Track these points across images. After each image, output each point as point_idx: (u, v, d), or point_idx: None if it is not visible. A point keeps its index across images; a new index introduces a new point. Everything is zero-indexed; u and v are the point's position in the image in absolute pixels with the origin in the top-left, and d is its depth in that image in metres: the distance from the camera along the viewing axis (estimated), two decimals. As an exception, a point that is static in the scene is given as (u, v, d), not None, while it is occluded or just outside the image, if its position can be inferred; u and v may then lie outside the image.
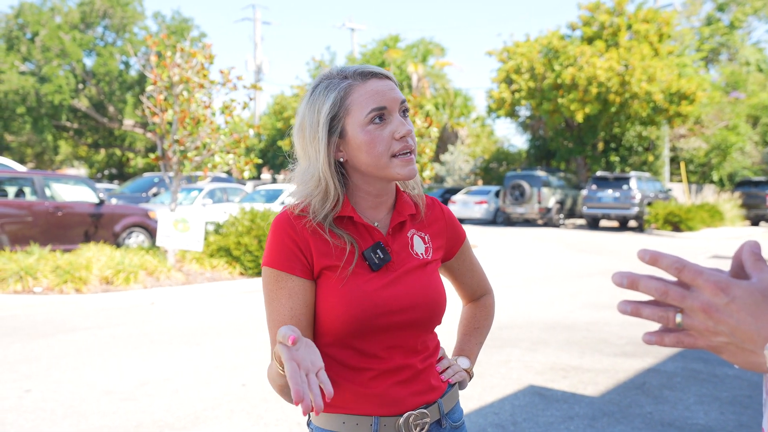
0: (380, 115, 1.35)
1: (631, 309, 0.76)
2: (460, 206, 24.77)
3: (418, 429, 1.39)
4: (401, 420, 1.37)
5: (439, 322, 1.46)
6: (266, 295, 1.38)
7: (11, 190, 10.60)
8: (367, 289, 1.35)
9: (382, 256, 1.38)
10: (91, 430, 3.98)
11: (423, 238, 1.49)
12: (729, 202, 23.17)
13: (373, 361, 1.36)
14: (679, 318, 0.74)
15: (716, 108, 30.65)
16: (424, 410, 1.41)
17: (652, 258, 0.73)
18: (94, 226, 11.10)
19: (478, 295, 1.72)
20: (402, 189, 1.50)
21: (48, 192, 10.79)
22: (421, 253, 1.46)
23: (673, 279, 0.74)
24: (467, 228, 21.95)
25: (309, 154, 1.39)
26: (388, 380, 1.37)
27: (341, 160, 1.39)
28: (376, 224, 1.44)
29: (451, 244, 1.56)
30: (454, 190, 28.22)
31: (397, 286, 1.38)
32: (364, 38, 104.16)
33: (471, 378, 1.60)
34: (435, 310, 1.43)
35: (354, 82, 1.38)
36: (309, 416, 1.45)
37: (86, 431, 3.96)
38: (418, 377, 1.41)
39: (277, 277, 1.35)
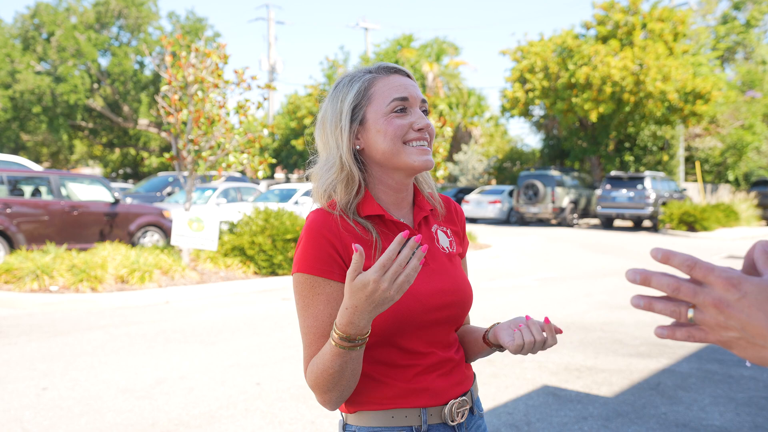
0: (402, 106, 1.38)
1: (644, 303, 0.78)
2: (474, 206, 24.73)
3: (459, 416, 1.43)
4: (446, 409, 1.40)
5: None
6: (300, 303, 1.35)
7: (28, 190, 10.71)
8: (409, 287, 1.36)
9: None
10: (108, 427, 4.02)
11: (446, 233, 1.52)
12: (744, 202, 22.99)
13: (416, 358, 1.38)
14: (690, 313, 0.76)
15: (732, 107, 30.39)
16: (464, 398, 1.44)
17: (664, 256, 0.75)
18: (109, 226, 11.19)
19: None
20: (419, 189, 1.52)
21: (64, 191, 10.89)
22: (446, 247, 1.49)
23: (685, 276, 0.76)
24: (481, 227, 21.92)
25: (329, 145, 1.41)
26: (432, 374, 1.40)
27: (357, 148, 1.40)
28: (402, 220, 1.45)
29: (459, 250, 1.57)
30: (468, 190, 28.18)
31: (434, 282, 1.40)
32: (378, 38, 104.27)
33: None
34: (467, 304, 1.46)
35: (378, 75, 1.41)
36: (342, 416, 1.45)
37: (102, 429, 4.00)
38: (456, 369, 1.45)
39: (314, 283, 1.33)
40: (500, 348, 1.46)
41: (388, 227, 1.42)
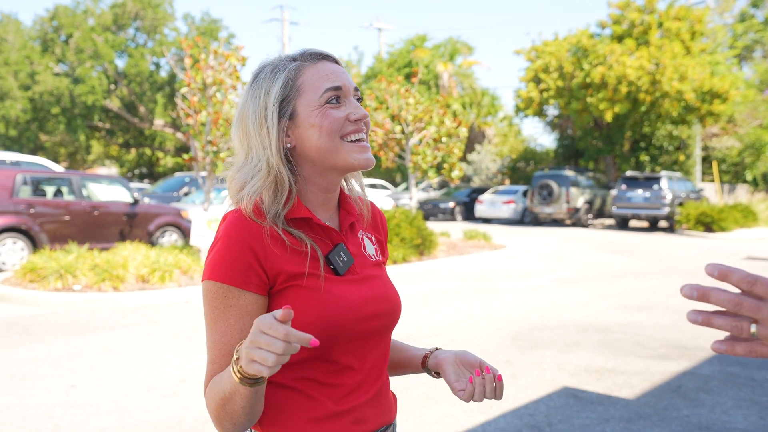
0: (336, 96, 1.25)
1: (702, 319, 0.78)
2: (488, 206, 24.70)
3: None
4: None
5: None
6: (210, 315, 1.20)
7: (50, 190, 10.86)
8: (340, 295, 1.24)
9: (345, 259, 1.28)
10: (136, 424, 4.09)
11: (371, 239, 1.41)
12: (763, 202, 22.82)
13: (347, 375, 1.26)
14: (753, 328, 0.77)
15: (750, 106, 30.15)
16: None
17: (721, 273, 0.76)
18: (129, 226, 11.32)
19: None
20: (345, 191, 1.39)
21: (85, 192, 11.03)
22: (373, 255, 1.38)
23: (737, 291, 0.78)
24: (495, 228, 21.90)
25: (253, 146, 1.26)
26: (361, 397, 1.27)
27: (289, 146, 1.26)
28: (328, 223, 1.32)
29: (384, 259, 1.46)
30: (482, 190, 28.15)
31: (364, 290, 1.29)
32: (392, 38, 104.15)
33: None
34: (397, 314, 1.36)
35: (304, 62, 1.27)
36: None
37: (130, 426, 4.07)
38: (383, 393, 1.33)
39: (226, 293, 1.18)
40: (437, 374, 1.41)
41: (314, 232, 1.28)
